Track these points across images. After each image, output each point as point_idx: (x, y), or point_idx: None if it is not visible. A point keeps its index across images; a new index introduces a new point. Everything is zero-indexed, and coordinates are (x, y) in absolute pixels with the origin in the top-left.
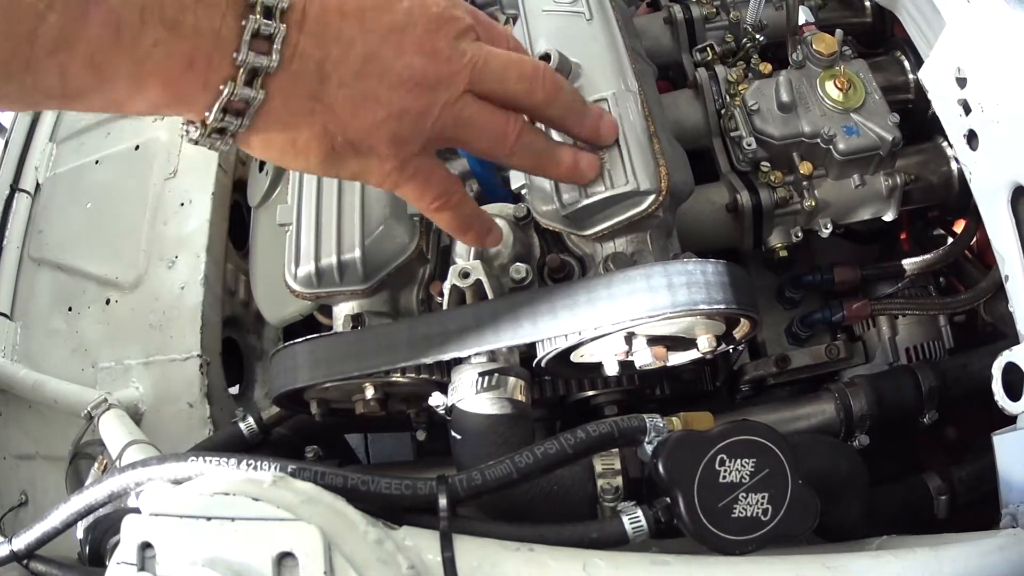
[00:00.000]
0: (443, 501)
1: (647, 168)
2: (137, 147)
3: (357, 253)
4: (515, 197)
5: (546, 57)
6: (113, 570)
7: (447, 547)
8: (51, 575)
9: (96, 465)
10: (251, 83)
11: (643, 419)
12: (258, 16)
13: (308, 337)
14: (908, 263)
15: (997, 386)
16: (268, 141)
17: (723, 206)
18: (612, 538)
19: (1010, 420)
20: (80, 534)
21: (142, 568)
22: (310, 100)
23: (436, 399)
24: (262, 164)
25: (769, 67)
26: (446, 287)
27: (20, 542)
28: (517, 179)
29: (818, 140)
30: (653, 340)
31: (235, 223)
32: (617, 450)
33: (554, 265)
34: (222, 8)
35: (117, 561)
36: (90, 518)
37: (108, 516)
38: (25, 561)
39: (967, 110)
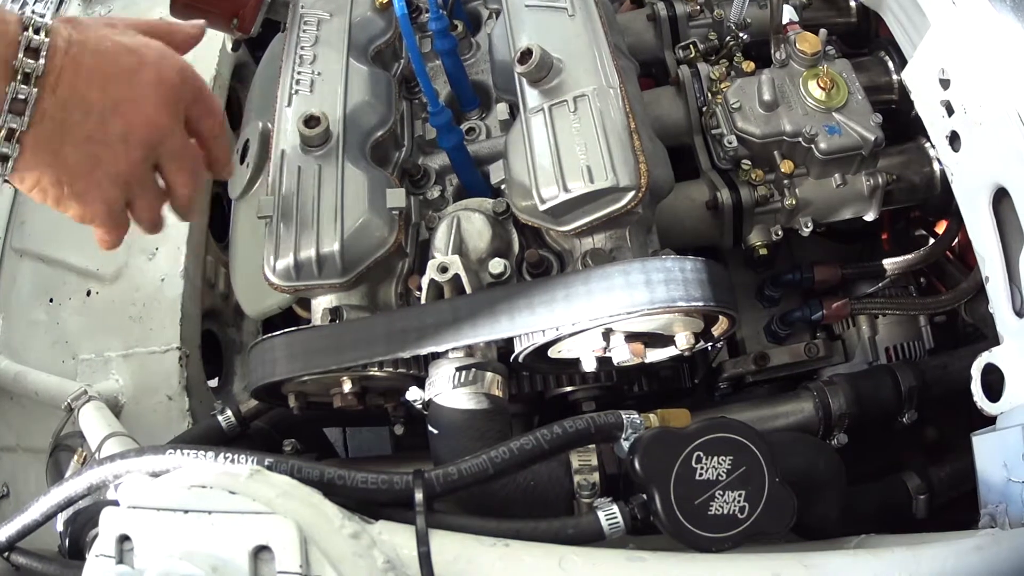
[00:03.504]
0: (419, 496)
1: (627, 164)
2: None
3: (336, 247)
4: (494, 192)
5: (528, 52)
6: (92, 563)
7: (423, 542)
8: (31, 567)
9: (76, 457)
10: (9, 139)
11: (620, 415)
12: (16, 83)
13: (286, 330)
14: (889, 263)
15: (976, 387)
16: (22, 179)
17: (703, 203)
18: (588, 534)
19: (989, 421)
20: (60, 527)
21: (120, 561)
22: (50, 155)
23: (413, 393)
24: (243, 156)
25: (752, 65)
26: (424, 281)
27: (1, 534)
28: (496, 174)
29: (800, 139)
30: (631, 336)
31: (215, 215)
32: (594, 446)
33: (532, 260)
34: None
35: (96, 554)
36: (70, 511)
37: (87, 509)
38: (6, 553)
39: (950, 111)
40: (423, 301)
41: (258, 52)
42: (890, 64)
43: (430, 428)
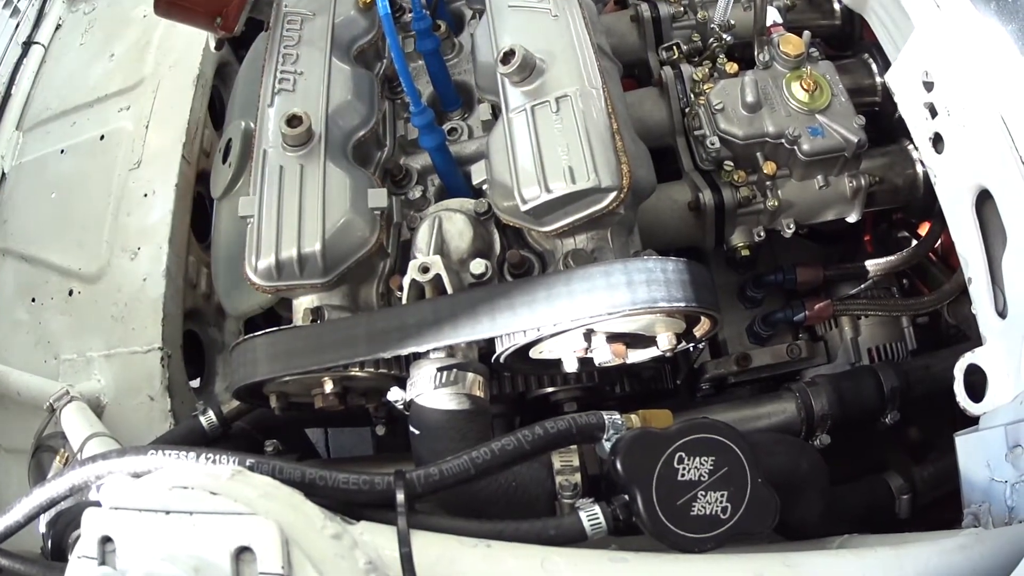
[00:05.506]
0: (401, 497)
1: (609, 165)
2: (102, 137)
3: (318, 246)
4: (476, 192)
5: (511, 53)
6: (74, 564)
7: (404, 543)
8: (14, 569)
9: (58, 458)
10: None
11: (601, 416)
12: None
13: (267, 330)
14: (872, 264)
15: (959, 387)
16: None
17: (685, 204)
18: (570, 535)
19: (972, 421)
20: (43, 528)
21: (103, 562)
22: None
23: (395, 394)
24: (226, 156)
25: (735, 67)
26: (405, 282)
27: None
28: (478, 174)
29: (783, 140)
30: (612, 337)
31: (198, 215)
32: (576, 447)
33: (514, 261)
34: None
35: (78, 555)
36: (52, 512)
37: (70, 510)
38: None
39: (933, 113)
40: (404, 301)
41: (241, 51)
42: (874, 66)
43: (412, 429)
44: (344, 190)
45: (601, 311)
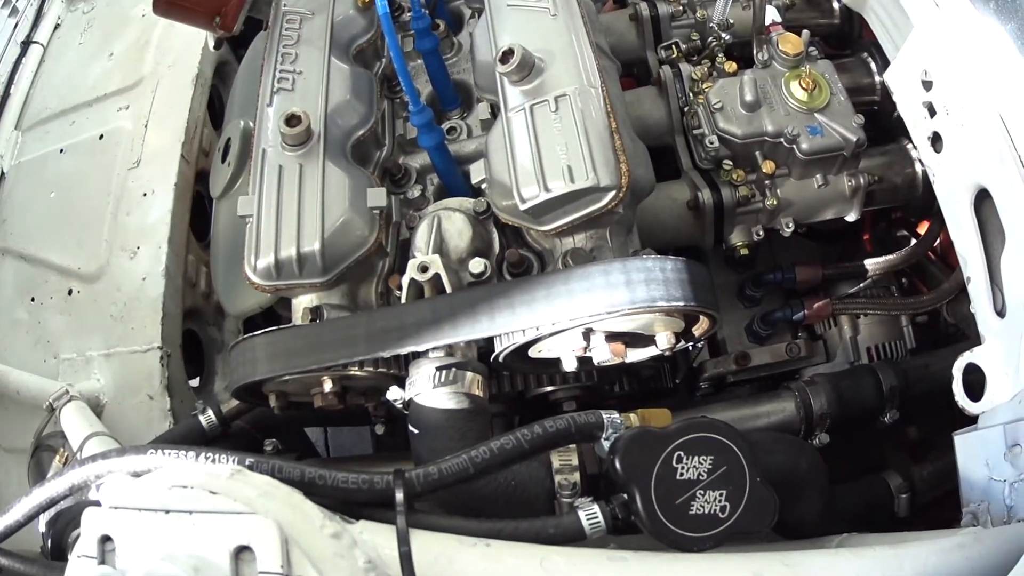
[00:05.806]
0: (400, 496)
1: (608, 164)
2: (101, 136)
3: (317, 246)
4: (475, 191)
5: (509, 52)
6: (74, 564)
7: (403, 542)
8: (14, 568)
9: (57, 457)
10: None
11: (600, 415)
12: None
13: (267, 330)
14: (871, 263)
15: (957, 387)
16: None
17: (684, 203)
18: (569, 534)
19: (971, 420)
20: (42, 527)
21: (102, 561)
22: None
23: (394, 393)
24: (225, 155)
25: (734, 66)
26: (404, 281)
27: None
28: (477, 173)
29: (781, 139)
30: (611, 336)
31: (197, 214)
32: (575, 446)
33: (513, 260)
34: None
35: (78, 554)
36: (52, 511)
37: (70, 509)
38: None
39: (932, 112)
40: (403, 300)
41: (240, 50)
42: (873, 65)
43: (411, 428)
44: (343, 189)
45: (600, 310)
